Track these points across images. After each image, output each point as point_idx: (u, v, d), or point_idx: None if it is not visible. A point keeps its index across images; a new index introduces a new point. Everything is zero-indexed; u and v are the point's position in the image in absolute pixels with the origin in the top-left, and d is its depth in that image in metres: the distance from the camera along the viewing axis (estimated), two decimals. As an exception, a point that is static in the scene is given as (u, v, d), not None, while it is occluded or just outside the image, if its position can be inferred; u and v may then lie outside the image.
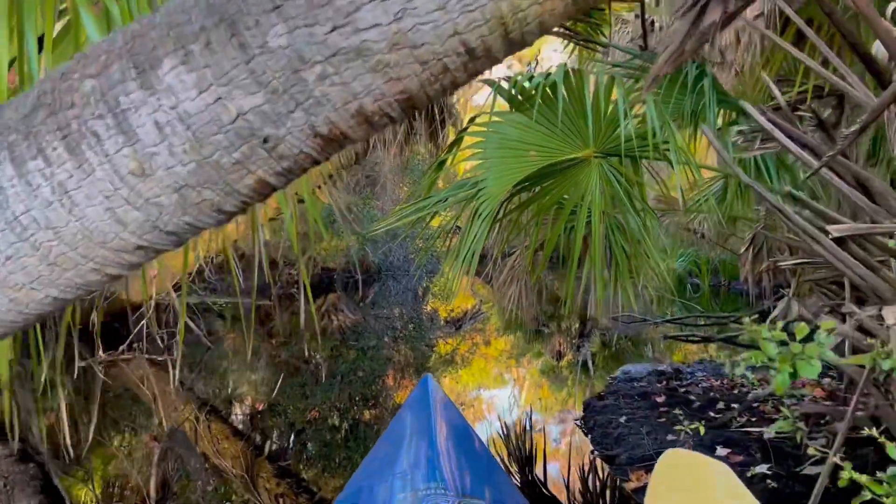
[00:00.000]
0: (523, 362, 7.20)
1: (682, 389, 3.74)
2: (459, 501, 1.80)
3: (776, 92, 2.42)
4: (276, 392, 5.53)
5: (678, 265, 11.00)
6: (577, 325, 8.97)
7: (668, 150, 2.72)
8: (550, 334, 8.82)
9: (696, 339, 6.84)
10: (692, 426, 2.64)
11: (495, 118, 2.99)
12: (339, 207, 9.45)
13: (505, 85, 2.97)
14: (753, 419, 2.89)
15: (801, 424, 2.07)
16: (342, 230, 11.13)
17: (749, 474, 2.30)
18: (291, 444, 4.31)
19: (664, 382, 4.01)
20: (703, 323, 7.47)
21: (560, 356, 7.19)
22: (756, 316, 1.73)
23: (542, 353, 7.47)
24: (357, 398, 5.51)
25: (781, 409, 2.28)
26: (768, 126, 2.20)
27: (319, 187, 5.16)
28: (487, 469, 2.29)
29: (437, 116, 4.39)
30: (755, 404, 3.06)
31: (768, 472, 2.28)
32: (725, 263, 11.13)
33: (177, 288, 6.01)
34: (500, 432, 4.17)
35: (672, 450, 1.62)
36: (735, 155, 2.71)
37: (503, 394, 5.79)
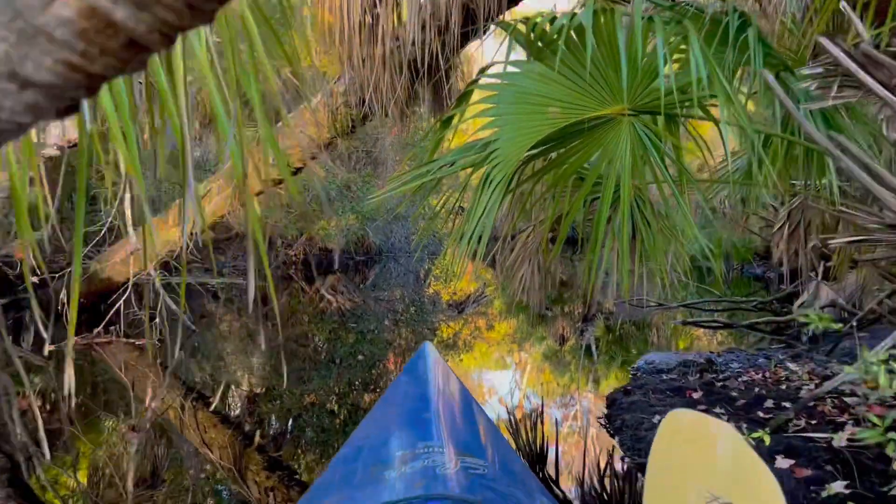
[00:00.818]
0: (526, 346, 7.07)
1: (720, 383, 3.30)
2: (458, 460, 1.77)
3: (859, 25, 1.98)
4: (271, 378, 5.31)
5: (688, 247, 10.62)
6: (580, 310, 8.80)
7: (716, 105, 2.29)
8: (554, 318, 8.67)
9: (718, 325, 6.42)
10: (754, 435, 2.18)
11: (511, 68, 2.56)
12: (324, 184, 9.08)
13: (522, 28, 2.54)
14: (813, 422, 2.45)
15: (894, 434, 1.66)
16: (341, 209, 10.79)
17: (824, 494, 1.87)
18: (287, 431, 4.08)
19: (698, 375, 3.57)
20: (720, 308, 7.07)
21: (563, 340, 7.05)
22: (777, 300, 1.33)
23: (546, 337, 7.32)
24: (356, 383, 5.34)
25: (855, 411, 1.88)
26: (852, 67, 1.77)
27: (314, 157, 4.74)
28: (487, 431, 2.24)
29: (443, 80, 3.95)
30: (812, 403, 2.63)
31: (847, 493, 1.85)
32: (737, 246, 10.80)
33: (163, 267, 5.67)
34: (508, 425, 3.89)
35: (675, 410, 1.63)
36: (804, 105, 2.28)
37: (505, 377, 5.69)
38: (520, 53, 2.66)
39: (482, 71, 2.67)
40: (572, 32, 2.44)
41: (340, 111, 4.35)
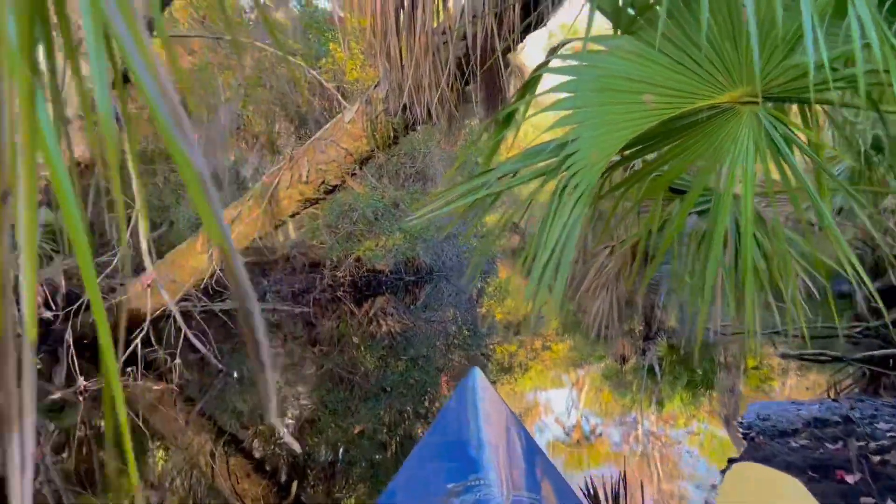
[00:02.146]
0: (584, 366, 6.93)
1: (875, 455, 2.52)
2: (511, 494, 1.77)
3: None
4: (318, 409, 5.16)
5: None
6: (640, 327, 8.44)
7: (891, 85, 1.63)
8: (614, 337, 8.28)
9: (826, 358, 5.61)
10: None
11: (593, 45, 1.94)
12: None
13: (608, -7, 1.92)
14: None
15: None
16: (389, 228, 10.34)
17: None
18: (334, 468, 3.89)
19: (841, 443, 2.78)
20: (813, 335, 6.26)
21: (624, 360, 6.87)
22: None
23: (605, 357, 7.11)
24: (407, 411, 5.18)
25: None
26: None
27: (353, 174, 4.20)
28: (540, 464, 2.20)
29: (499, 75, 3.36)
30: None
31: None
32: (818, 261, 9.84)
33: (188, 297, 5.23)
34: (563, 452, 3.67)
35: (741, 462, 1.61)
36: None
37: (562, 400, 5.55)
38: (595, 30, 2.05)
39: (553, 51, 2.04)
40: (677, -7, 1.81)
41: (380, 120, 3.79)
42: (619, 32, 1.97)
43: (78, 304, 4.64)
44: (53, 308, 5.22)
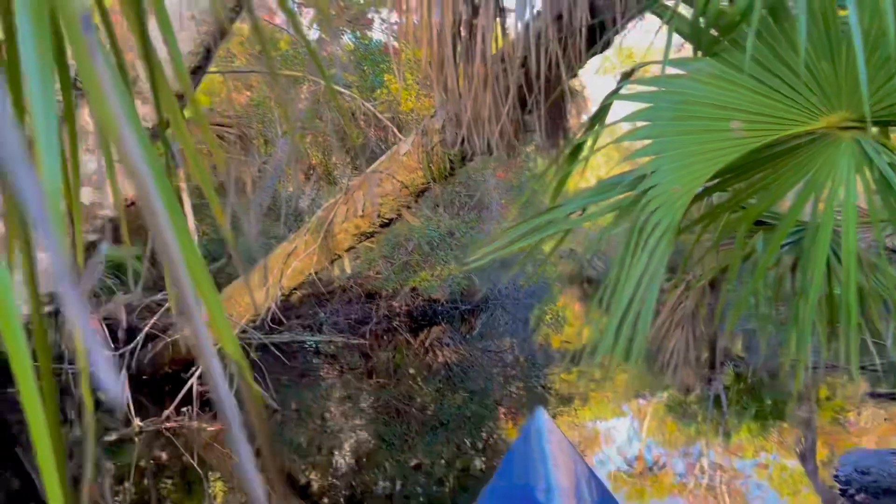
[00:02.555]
0: (646, 396, 6.81)
1: None
2: None
3: None
4: (375, 444, 5.05)
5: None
6: (706, 355, 8.32)
7: None
8: (677, 365, 7.95)
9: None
10: None
11: (671, 69, 1.77)
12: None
13: (687, 13, 1.75)
14: None
15: None
16: (444, 257, 10.25)
17: None
18: (394, 494, 3.89)
19: None
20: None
21: (688, 390, 6.68)
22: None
23: (669, 387, 6.87)
24: (466, 446, 5.10)
25: None
26: None
27: (408, 207, 4.09)
28: None
29: (561, 109, 3.22)
30: None
31: None
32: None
33: (253, 327, 5.20)
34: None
35: None
36: None
37: (624, 431, 5.45)
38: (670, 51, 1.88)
39: (626, 76, 1.88)
40: (766, 13, 1.63)
41: (436, 151, 3.68)
42: (698, 53, 1.80)
43: (136, 339, 4.65)
44: (115, 343, 5.26)
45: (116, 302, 6.06)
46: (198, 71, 2.75)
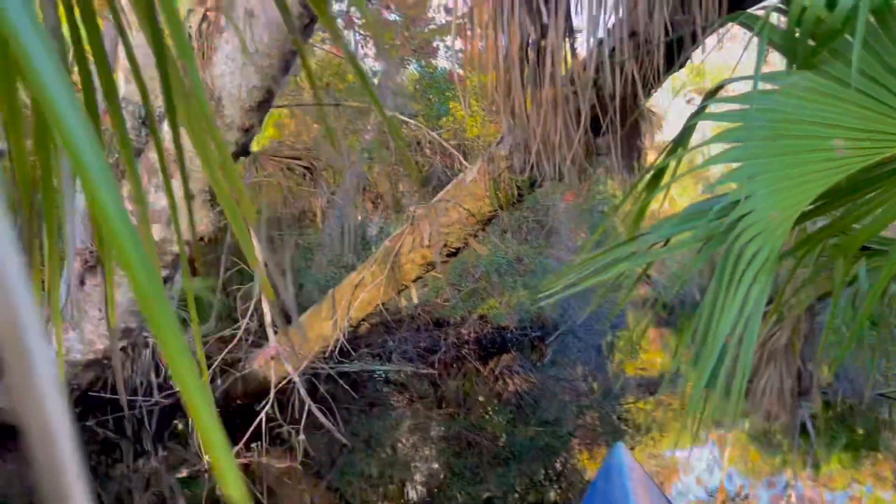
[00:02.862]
0: (727, 424, 6.32)
1: None
2: None
3: None
4: (446, 476, 4.97)
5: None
6: (791, 382, 7.84)
7: None
8: (756, 391, 7.67)
9: None
10: None
11: (762, 84, 1.61)
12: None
13: (780, 22, 1.60)
14: None
15: None
16: (513, 284, 10.09)
17: None
18: None
19: None
20: None
21: (772, 418, 6.30)
22: None
23: (751, 415, 6.49)
24: (540, 480, 4.98)
25: None
26: None
27: (475, 235, 3.99)
28: None
29: (636, 130, 3.08)
30: None
31: None
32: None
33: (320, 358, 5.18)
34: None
35: None
36: None
37: (702, 455, 5.30)
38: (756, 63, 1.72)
39: (711, 94, 1.73)
40: (871, 16, 1.46)
41: (504, 178, 3.57)
42: (793, 66, 1.63)
43: (208, 373, 4.67)
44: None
45: (190, 334, 6.16)
46: (263, 104, 2.75)
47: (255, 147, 7.82)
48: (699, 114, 1.70)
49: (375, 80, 8.86)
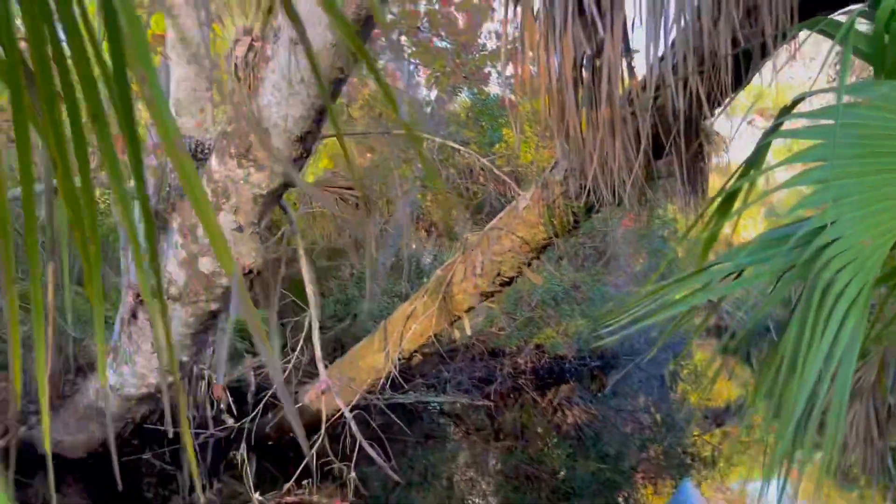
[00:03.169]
0: (799, 455, 6.03)
1: None
2: None
3: None
4: None
5: None
6: (872, 414, 7.39)
7: None
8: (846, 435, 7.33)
9: None
10: None
11: (847, 96, 1.44)
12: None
13: (864, 28, 1.44)
14: None
15: None
16: (570, 312, 9.86)
17: None
18: None
19: None
20: None
21: (848, 450, 6.02)
22: None
23: (824, 446, 6.11)
24: None
25: None
26: None
27: (529, 264, 3.85)
28: None
29: (699, 151, 2.92)
30: None
31: None
32: None
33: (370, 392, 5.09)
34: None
35: None
36: None
37: (771, 488, 4.83)
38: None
39: (787, 109, 1.57)
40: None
41: (558, 204, 3.44)
42: (881, 75, 1.46)
43: (258, 406, 4.65)
44: (245, 405, 5.33)
45: (246, 365, 6.19)
46: (309, 135, 2.70)
47: (309, 178, 7.90)
48: (774, 132, 1.54)
49: (428, 109, 8.87)
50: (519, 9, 2.15)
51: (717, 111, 2.28)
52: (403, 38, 5.21)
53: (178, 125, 3.28)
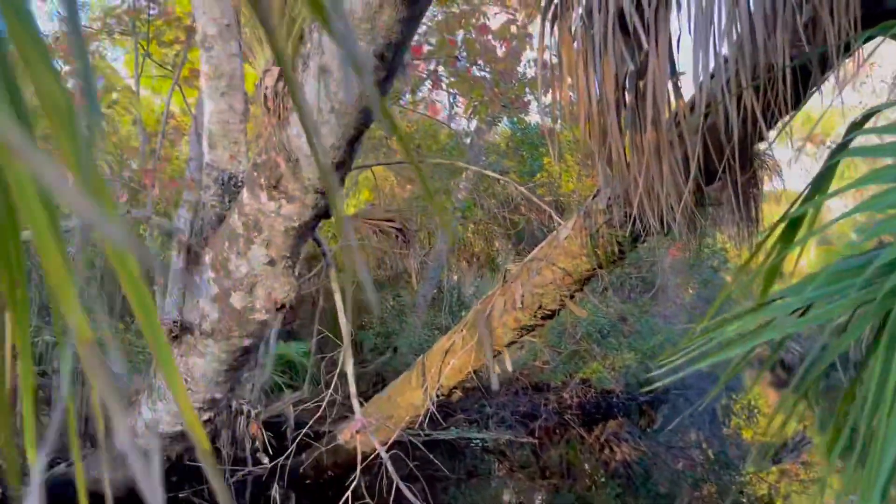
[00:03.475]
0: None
1: None
2: None
3: None
4: None
5: None
6: None
7: None
8: None
9: None
10: None
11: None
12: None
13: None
14: None
15: None
16: (617, 345, 9.57)
17: None
18: None
19: None
20: None
21: None
22: None
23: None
24: None
25: None
26: None
27: (572, 296, 3.68)
28: None
29: (754, 175, 2.76)
30: None
31: None
32: None
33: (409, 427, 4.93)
34: None
35: None
36: None
37: None
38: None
39: (857, 125, 1.40)
40: None
41: (602, 234, 3.27)
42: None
43: (293, 443, 4.53)
44: (284, 441, 5.23)
45: (285, 400, 6.11)
46: (342, 165, 2.61)
47: (350, 210, 7.88)
48: (842, 150, 1.37)
49: (468, 140, 8.81)
50: (556, 29, 2.03)
51: (772, 132, 2.11)
52: (441, 67, 5.17)
53: (212, 158, 3.24)
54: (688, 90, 2.22)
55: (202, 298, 3.21)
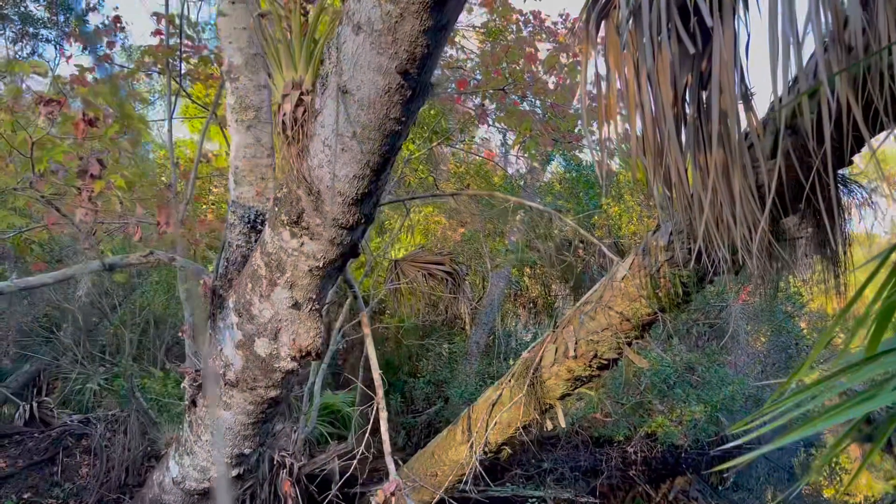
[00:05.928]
0: None
1: None
2: None
3: None
4: None
5: None
6: None
7: None
8: None
9: None
10: None
11: None
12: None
13: None
14: None
15: None
16: (684, 397, 8.96)
17: None
18: None
19: None
20: None
21: None
22: None
23: None
24: None
25: None
26: None
27: (630, 343, 3.30)
28: None
29: (837, 206, 2.39)
30: None
31: None
32: None
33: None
34: None
35: None
36: None
37: None
38: None
39: None
40: None
41: (663, 273, 2.91)
42: None
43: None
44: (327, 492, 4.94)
45: (329, 451, 5.83)
46: (366, 198, 2.36)
47: (400, 254, 7.68)
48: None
49: (522, 182, 8.55)
50: (602, 30, 1.75)
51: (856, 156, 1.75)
52: (488, 101, 4.94)
53: (238, 195, 3.05)
54: (760, 108, 1.89)
55: (225, 346, 2.98)
